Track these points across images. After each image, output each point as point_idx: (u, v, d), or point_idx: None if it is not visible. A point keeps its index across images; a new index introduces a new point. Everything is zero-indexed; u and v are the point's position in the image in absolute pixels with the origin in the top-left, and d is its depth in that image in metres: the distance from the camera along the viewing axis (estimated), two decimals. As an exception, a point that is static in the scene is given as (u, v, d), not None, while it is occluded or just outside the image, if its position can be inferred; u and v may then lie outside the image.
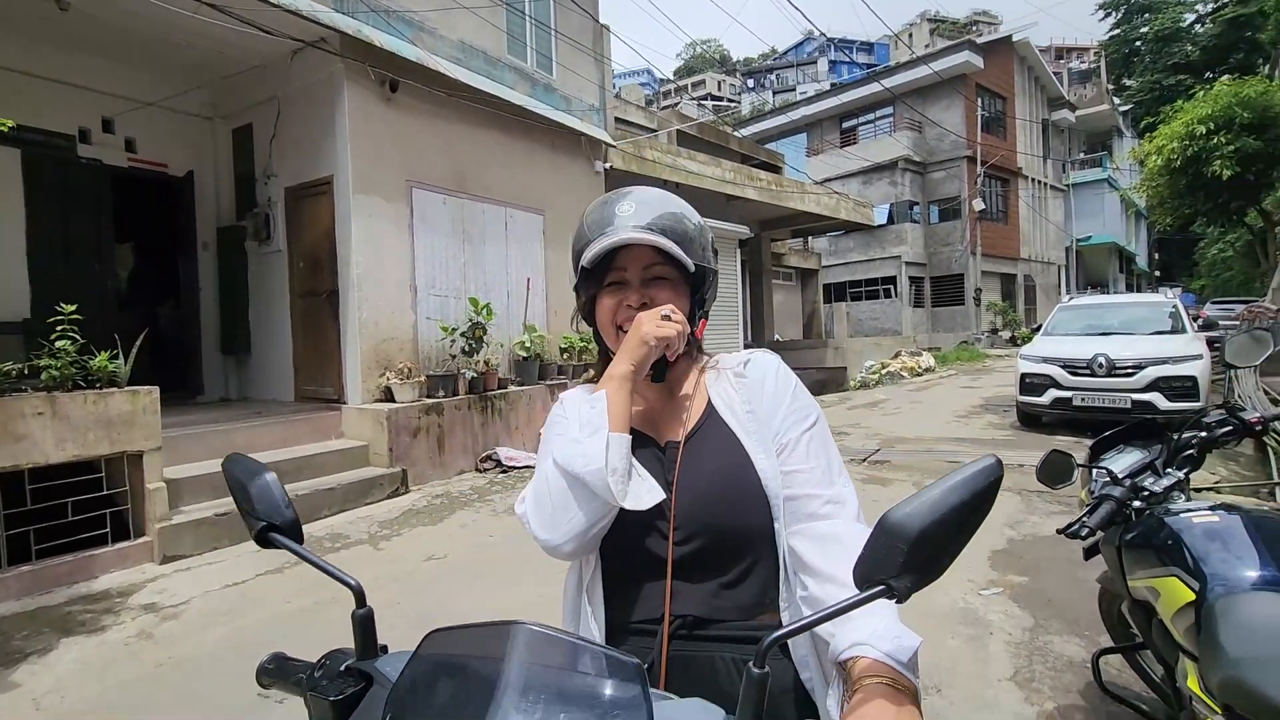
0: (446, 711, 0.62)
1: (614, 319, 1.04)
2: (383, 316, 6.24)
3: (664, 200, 1.06)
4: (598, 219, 1.05)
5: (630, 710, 0.56)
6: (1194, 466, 1.98)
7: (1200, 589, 1.56)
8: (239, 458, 0.93)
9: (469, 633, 0.68)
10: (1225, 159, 12.75)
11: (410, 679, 0.66)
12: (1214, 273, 30.20)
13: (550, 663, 0.62)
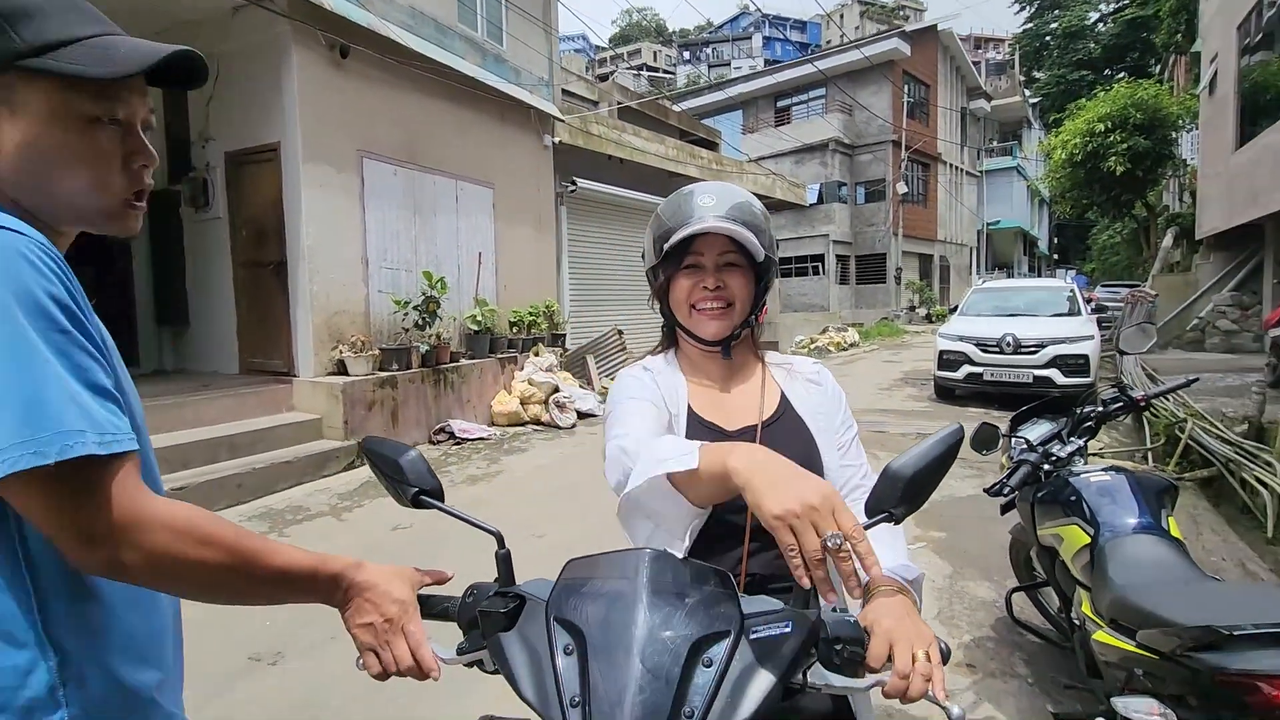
0: (597, 610, 0.80)
1: (689, 298, 1.17)
2: (334, 289, 6.17)
3: (738, 194, 1.20)
4: (678, 209, 1.17)
5: (726, 601, 0.80)
6: (1091, 435, 2.41)
7: (1094, 534, 1.97)
8: (379, 439, 1.09)
9: (601, 558, 0.91)
10: (1119, 156, 14.00)
11: (562, 590, 0.85)
12: (1104, 257, 32.87)
13: (668, 575, 0.83)
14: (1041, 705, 2.45)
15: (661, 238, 1.16)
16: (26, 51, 0.73)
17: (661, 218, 1.19)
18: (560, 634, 0.77)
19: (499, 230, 8.08)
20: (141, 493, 0.72)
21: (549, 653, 0.77)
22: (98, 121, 0.79)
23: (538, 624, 0.81)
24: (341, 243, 6.23)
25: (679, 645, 0.73)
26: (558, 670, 0.75)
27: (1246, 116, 10.81)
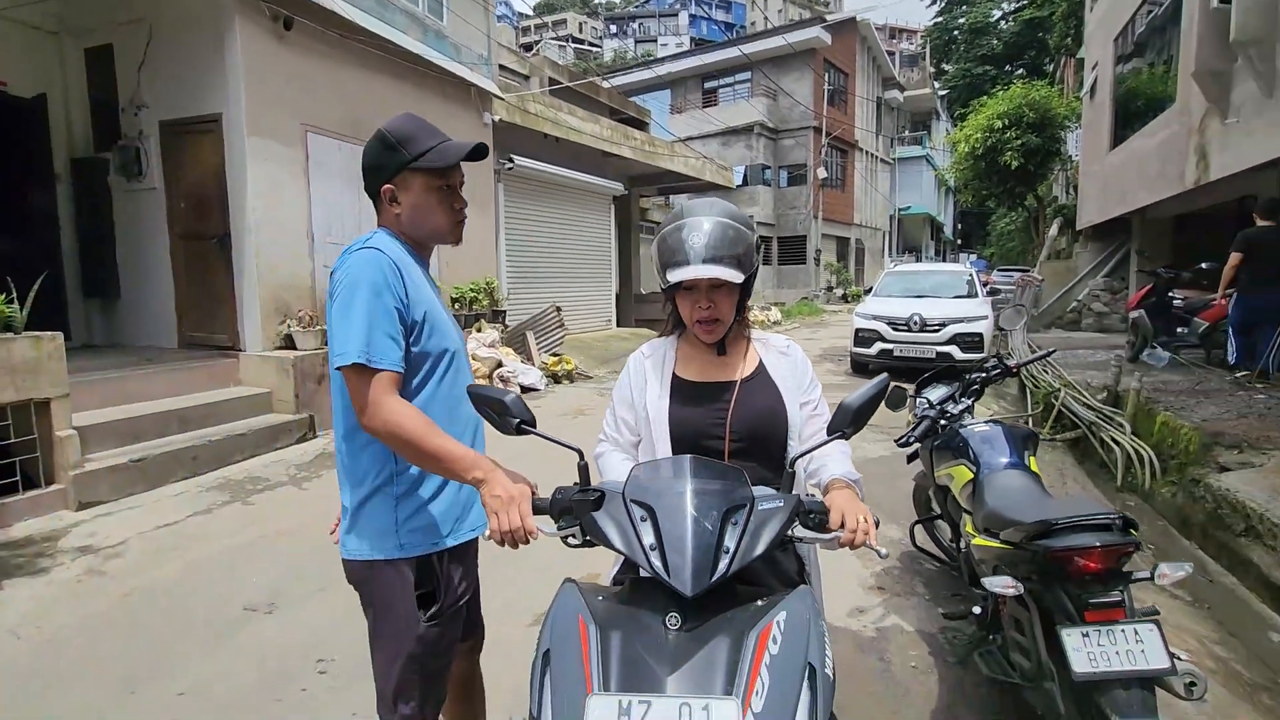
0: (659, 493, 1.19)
1: (689, 314, 1.53)
2: (280, 264, 6.17)
3: (724, 229, 1.44)
4: (676, 248, 1.45)
5: (743, 487, 1.22)
6: (977, 397, 3.00)
7: (977, 471, 2.53)
8: (481, 386, 1.42)
9: (660, 461, 1.31)
10: (1014, 151, 15.31)
11: (632, 484, 1.24)
12: (1001, 243, 35.46)
13: (704, 470, 1.24)
14: (936, 614, 3.06)
15: (663, 267, 1.49)
16: (410, 160, 1.46)
17: (663, 249, 1.50)
18: (636, 509, 1.17)
19: (442, 207, 8.16)
20: (386, 393, 1.34)
21: (630, 521, 1.16)
22: (441, 189, 1.51)
23: (617, 505, 1.20)
24: (287, 217, 6.22)
25: (717, 511, 1.14)
26: (638, 530, 1.15)
27: (1120, 121, 12.12)
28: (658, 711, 0.95)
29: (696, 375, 1.59)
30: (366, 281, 1.35)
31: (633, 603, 1.16)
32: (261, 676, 2.63)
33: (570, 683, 1.04)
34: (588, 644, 1.07)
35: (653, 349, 1.67)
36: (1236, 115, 7.23)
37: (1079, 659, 1.70)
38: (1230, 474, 4.06)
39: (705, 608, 1.09)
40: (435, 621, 1.48)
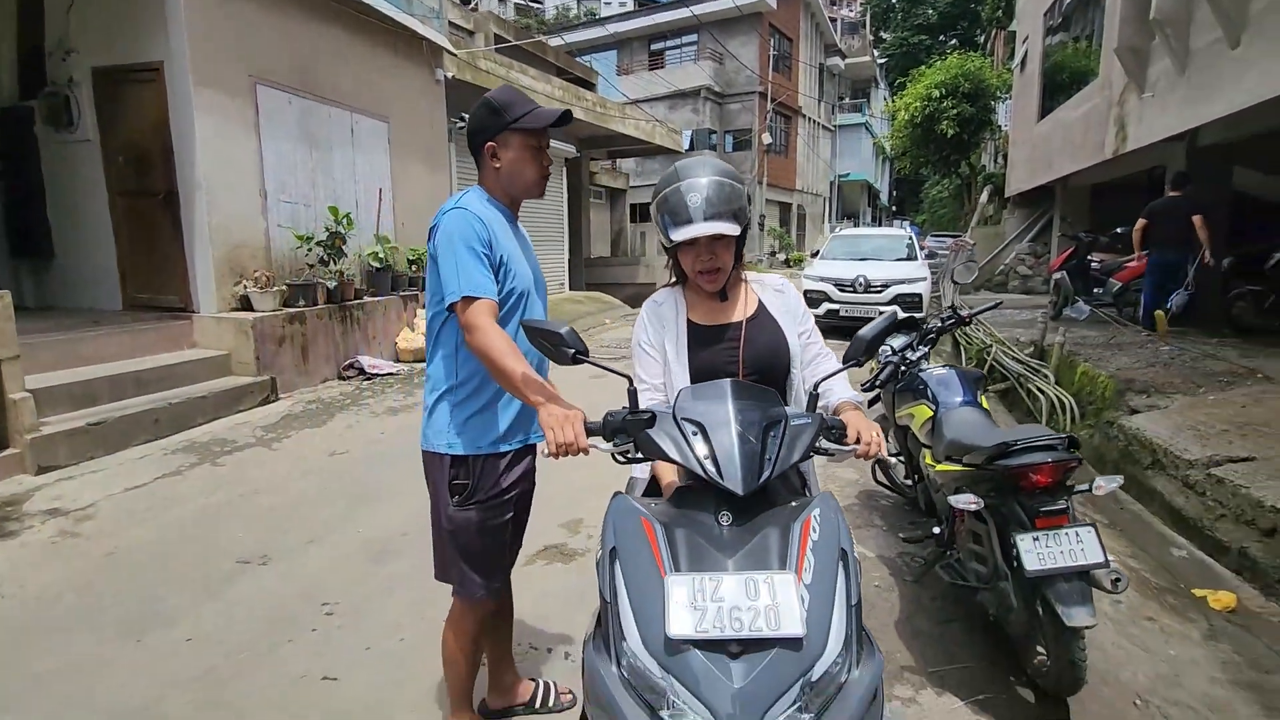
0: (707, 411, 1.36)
1: (692, 266, 1.66)
2: (233, 223, 5.96)
3: (721, 187, 1.57)
4: (677, 206, 1.58)
5: (778, 405, 1.41)
6: (933, 345, 3.30)
7: (935, 409, 2.82)
8: (537, 320, 1.55)
9: (705, 385, 1.46)
10: (950, 120, 15.94)
11: (680, 404, 1.41)
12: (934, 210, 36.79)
13: (743, 391, 1.41)
14: (895, 541, 3.39)
15: (667, 226, 1.60)
16: (510, 122, 1.75)
17: (665, 209, 1.61)
18: (687, 426, 1.35)
19: (395, 166, 7.98)
20: (482, 317, 1.63)
21: (683, 435, 1.34)
22: (534, 148, 1.81)
23: (669, 423, 1.38)
24: (238, 174, 5.99)
25: (759, 426, 1.33)
26: (691, 443, 1.32)
27: (1047, 93, 12.77)
28: (727, 585, 1.14)
29: (706, 319, 1.75)
30: (459, 235, 1.68)
31: (685, 506, 1.35)
32: (269, 621, 2.72)
33: (644, 570, 1.22)
34: (655, 538, 1.25)
35: (664, 298, 1.81)
36: (1152, 90, 7.79)
37: (1030, 559, 2.00)
38: (1139, 415, 4.55)
39: (750, 508, 1.29)
40: (464, 507, 1.79)
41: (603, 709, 1.16)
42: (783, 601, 1.12)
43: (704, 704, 1.06)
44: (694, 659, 1.10)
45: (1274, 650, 2.54)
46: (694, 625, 1.11)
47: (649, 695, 1.11)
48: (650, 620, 1.15)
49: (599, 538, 1.37)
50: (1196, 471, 3.59)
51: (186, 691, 2.28)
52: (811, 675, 1.10)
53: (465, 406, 1.78)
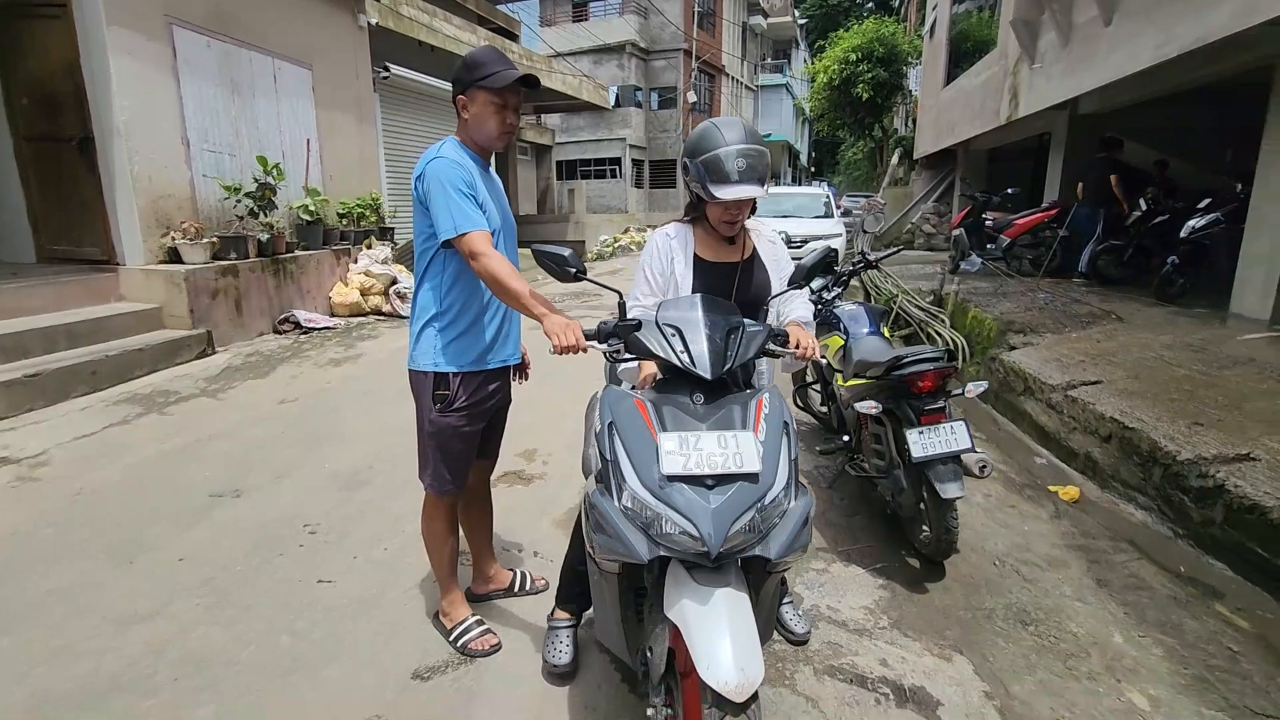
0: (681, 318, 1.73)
1: (719, 217, 1.93)
2: (156, 171, 5.77)
3: (761, 156, 1.84)
4: (720, 166, 1.80)
5: (738, 316, 1.79)
6: (845, 286, 3.79)
7: (846, 338, 3.31)
8: (543, 244, 1.86)
9: (681, 299, 1.83)
10: (865, 84, 16.65)
11: (661, 313, 1.76)
12: (849, 171, 38.21)
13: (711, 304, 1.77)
14: (813, 455, 3.92)
15: (704, 180, 1.84)
16: (478, 79, 1.97)
17: (710, 167, 1.83)
18: (667, 329, 1.71)
19: (321, 117, 7.79)
20: (481, 245, 1.90)
21: (664, 336, 1.70)
22: (498, 105, 2.01)
23: (652, 328, 1.74)
24: (159, 120, 5.77)
25: (723, 329, 1.71)
26: (670, 341, 1.69)
27: (953, 60, 13.59)
28: (705, 439, 1.53)
29: (712, 256, 2.07)
30: (446, 179, 1.93)
31: (666, 391, 1.72)
32: (255, 542, 2.94)
33: (640, 434, 1.58)
34: (646, 411, 1.62)
35: (676, 231, 2.10)
36: (1040, 61, 8.57)
37: (917, 448, 2.51)
38: (1016, 351, 5.28)
39: (716, 391, 1.68)
40: (445, 414, 2.10)
41: (608, 535, 1.53)
42: (745, 450, 1.52)
43: (688, 520, 1.45)
44: (681, 490, 1.49)
45: (1101, 525, 3.22)
46: (682, 465, 1.49)
47: (643, 522, 1.49)
48: (645, 468, 1.53)
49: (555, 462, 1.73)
50: (1057, 394, 4.28)
51: (192, 598, 2.51)
52: (764, 502, 1.51)
53: (448, 331, 2.07)
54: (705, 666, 1.38)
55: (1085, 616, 2.49)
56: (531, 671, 2.13)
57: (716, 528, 1.44)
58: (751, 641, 1.43)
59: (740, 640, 1.41)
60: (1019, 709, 2.02)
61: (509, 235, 2.20)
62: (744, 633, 1.43)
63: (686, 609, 1.46)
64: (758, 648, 1.44)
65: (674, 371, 1.73)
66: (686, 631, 1.44)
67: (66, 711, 1.94)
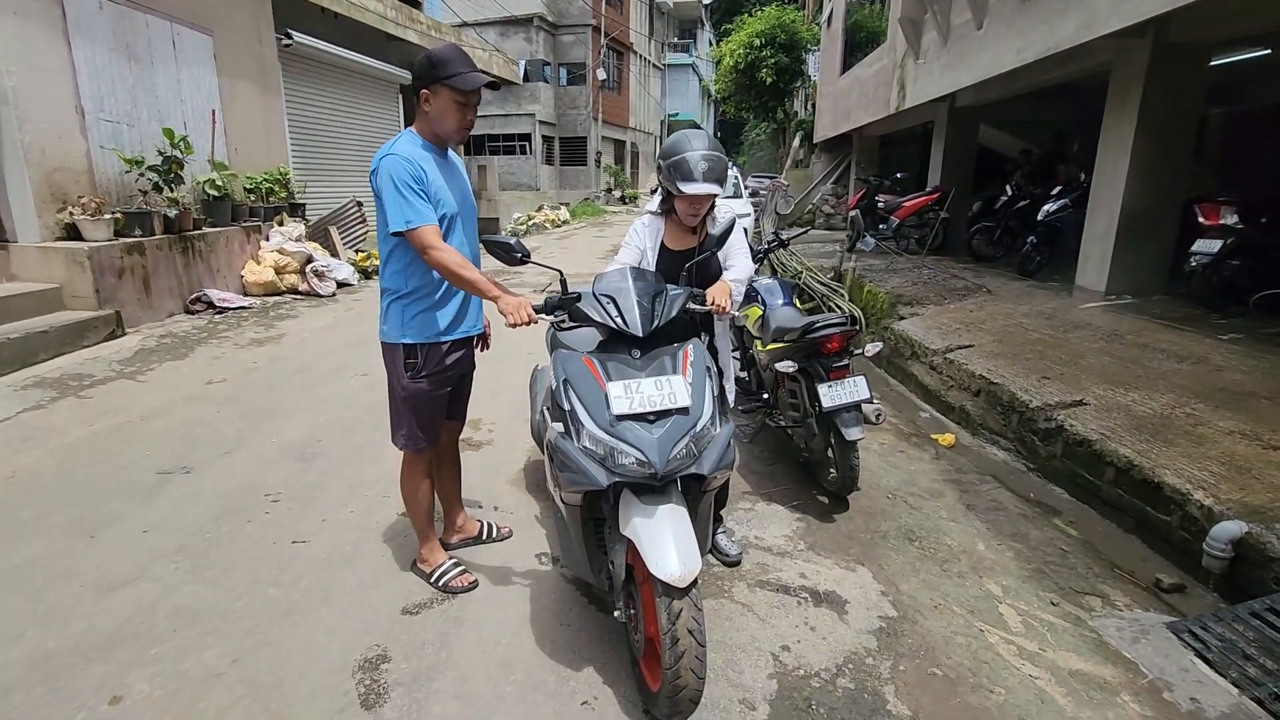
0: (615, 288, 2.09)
1: (686, 210, 2.36)
2: (49, 142, 5.40)
3: (719, 160, 2.26)
4: (688, 170, 2.23)
5: (662, 282, 2.16)
6: (762, 262, 4.24)
7: (764, 309, 3.75)
8: (493, 235, 2.11)
9: (611, 272, 2.17)
10: (768, 69, 17.35)
11: (596, 285, 2.11)
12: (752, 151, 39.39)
13: (640, 275, 2.14)
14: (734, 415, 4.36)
15: (674, 179, 2.27)
16: (443, 77, 2.13)
17: (679, 168, 2.26)
18: (604, 299, 2.05)
19: (224, 86, 7.43)
20: (431, 239, 2.11)
21: (600, 305, 2.04)
22: (459, 105, 2.17)
23: (590, 299, 2.08)
24: (50, 86, 5.39)
25: (650, 294, 2.07)
26: (606, 309, 2.03)
27: (848, 50, 14.46)
28: (645, 384, 1.89)
29: (674, 244, 2.53)
30: (396, 176, 2.09)
31: (608, 350, 2.06)
32: (220, 511, 3.04)
33: (590, 386, 1.91)
34: (594, 367, 1.95)
35: (650, 221, 2.56)
36: (924, 57, 9.40)
37: (826, 399, 2.99)
38: (904, 321, 5.98)
39: (648, 346, 2.04)
40: (415, 380, 2.32)
41: (571, 470, 1.86)
42: (677, 390, 1.90)
43: (637, 449, 1.81)
44: (629, 427, 1.84)
45: (971, 464, 3.86)
46: (628, 406, 1.85)
47: (599, 456, 1.84)
48: (598, 413, 1.87)
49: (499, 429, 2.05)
50: (937, 357, 4.95)
51: (169, 563, 2.63)
52: (695, 430, 1.89)
53: (413, 307, 2.28)
54: (654, 563, 1.75)
55: (957, 533, 3.07)
56: (508, 601, 2.44)
57: (660, 453, 1.81)
58: (690, 543, 1.82)
59: (681, 542, 1.80)
60: (907, 601, 2.53)
61: (468, 216, 2.39)
62: (684, 537, 1.82)
63: (637, 524, 1.84)
64: (695, 548, 1.83)
65: (612, 333, 2.07)
66: (638, 540, 1.81)
67: (73, 663, 2.07)
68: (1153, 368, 4.22)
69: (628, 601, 2.02)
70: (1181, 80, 5.68)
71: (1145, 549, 2.93)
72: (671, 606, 1.74)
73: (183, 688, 1.98)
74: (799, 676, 2.12)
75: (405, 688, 2.01)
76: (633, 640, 2.04)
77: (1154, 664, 2.20)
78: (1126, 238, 5.99)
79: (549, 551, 2.78)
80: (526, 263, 2.12)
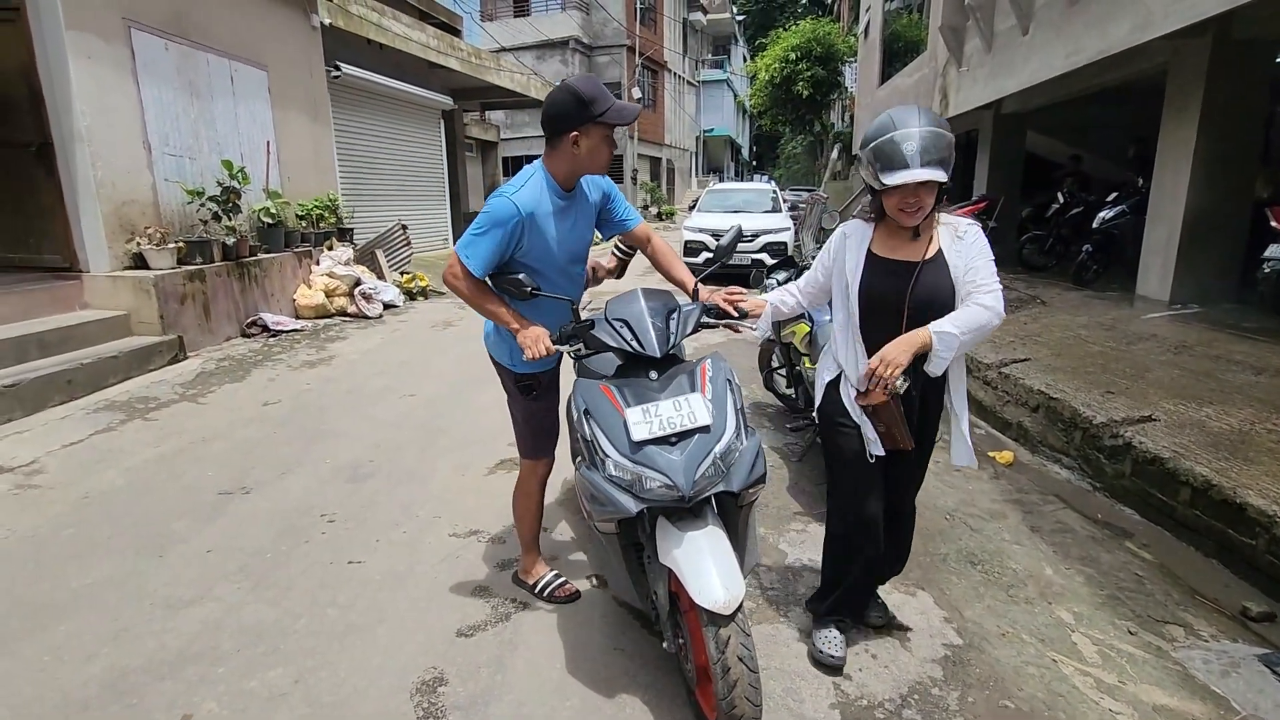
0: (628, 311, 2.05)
1: (897, 206, 1.85)
2: (120, 177, 5.70)
3: (937, 137, 1.77)
4: (892, 155, 1.76)
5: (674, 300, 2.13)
6: (807, 279, 4.18)
7: (811, 325, 3.70)
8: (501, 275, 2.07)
9: (624, 294, 2.13)
10: (805, 82, 17.31)
11: (610, 310, 2.09)
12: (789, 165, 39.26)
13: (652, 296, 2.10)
14: (783, 434, 4.31)
15: (879, 171, 1.81)
16: (597, 115, 1.98)
17: (880, 155, 1.80)
18: (616, 323, 2.03)
19: (277, 117, 7.75)
20: (462, 273, 2.07)
21: (614, 330, 2.02)
22: (609, 137, 2.07)
23: (603, 325, 2.05)
24: (120, 125, 5.70)
25: (664, 314, 2.04)
26: (620, 332, 2.01)
27: (886, 61, 14.33)
28: (663, 406, 1.86)
29: (888, 253, 1.98)
30: (487, 217, 2.03)
31: (625, 375, 2.04)
32: (278, 532, 3.12)
33: (609, 413, 1.88)
34: (612, 393, 1.93)
35: (853, 229, 2.07)
36: (967, 65, 9.24)
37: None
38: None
39: (666, 366, 2.01)
40: (533, 402, 2.36)
41: (600, 501, 1.84)
42: (696, 408, 1.86)
43: (663, 474, 1.78)
44: (652, 451, 1.81)
45: (1032, 483, 3.71)
46: (648, 431, 1.82)
47: (625, 483, 1.81)
48: (619, 440, 1.84)
49: None
50: (992, 371, 4.80)
51: (231, 582, 2.69)
52: (719, 447, 1.84)
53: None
54: (697, 592, 1.71)
55: (1021, 556, 2.94)
56: (561, 624, 2.43)
57: (685, 475, 1.77)
58: (732, 567, 1.77)
59: (722, 567, 1.75)
60: (972, 628, 2.43)
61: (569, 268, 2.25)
62: (724, 561, 1.77)
63: (676, 553, 1.80)
64: (738, 571, 1.78)
65: (629, 356, 2.03)
66: (678, 569, 1.77)
67: (145, 681, 2.13)
68: (1227, 380, 4.01)
69: (675, 630, 1.99)
70: (1246, 79, 5.46)
71: (1228, 574, 2.77)
72: (719, 635, 1.70)
73: (249, 707, 2.02)
74: (862, 707, 2.05)
75: (463, 711, 2.01)
76: (685, 670, 2.00)
77: (1247, 699, 2.06)
78: (1191, 244, 5.74)
79: (599, 573, 2.76)
80: (539, 295, 2.06)
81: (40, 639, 2.33)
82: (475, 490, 3.57)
